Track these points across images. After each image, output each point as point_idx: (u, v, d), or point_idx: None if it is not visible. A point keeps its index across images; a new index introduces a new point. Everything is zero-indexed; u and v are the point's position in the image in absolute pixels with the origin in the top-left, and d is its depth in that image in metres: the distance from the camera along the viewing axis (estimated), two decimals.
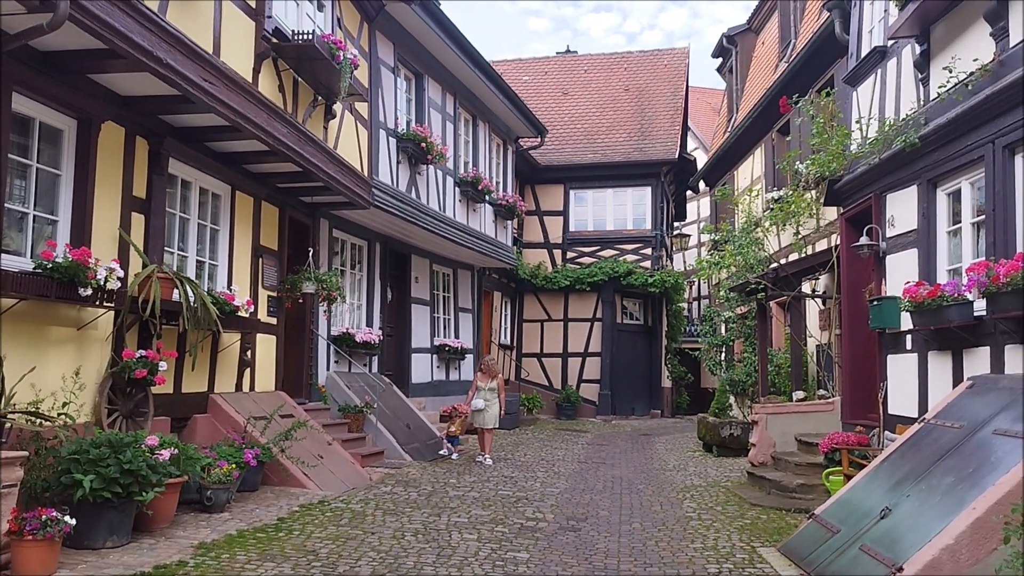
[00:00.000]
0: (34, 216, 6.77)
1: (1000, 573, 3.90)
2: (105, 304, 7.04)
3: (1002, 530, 4.06)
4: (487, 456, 11.97)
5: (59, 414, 6.35)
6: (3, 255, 6.22)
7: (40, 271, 6.35)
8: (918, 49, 8.14)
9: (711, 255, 16.85)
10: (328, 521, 7.38)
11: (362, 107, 11.70)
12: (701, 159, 27.13)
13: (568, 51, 28.56)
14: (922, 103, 8.13)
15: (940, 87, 7.40)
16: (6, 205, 6.33)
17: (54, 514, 5.25)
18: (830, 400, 11.01)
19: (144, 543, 6.18)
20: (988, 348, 6.88)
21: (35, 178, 6.77)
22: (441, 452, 12.34)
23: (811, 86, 13.21)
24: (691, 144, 30.14)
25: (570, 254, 22.65)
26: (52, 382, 6.61)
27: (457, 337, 17.66)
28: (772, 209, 13.26)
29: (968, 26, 7.32)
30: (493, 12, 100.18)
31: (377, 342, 13.50)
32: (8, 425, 5.80)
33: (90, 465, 5.83)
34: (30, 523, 5.14)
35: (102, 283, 6.71)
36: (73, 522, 5.38)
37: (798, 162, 11.78)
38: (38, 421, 6.14)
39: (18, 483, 5.38)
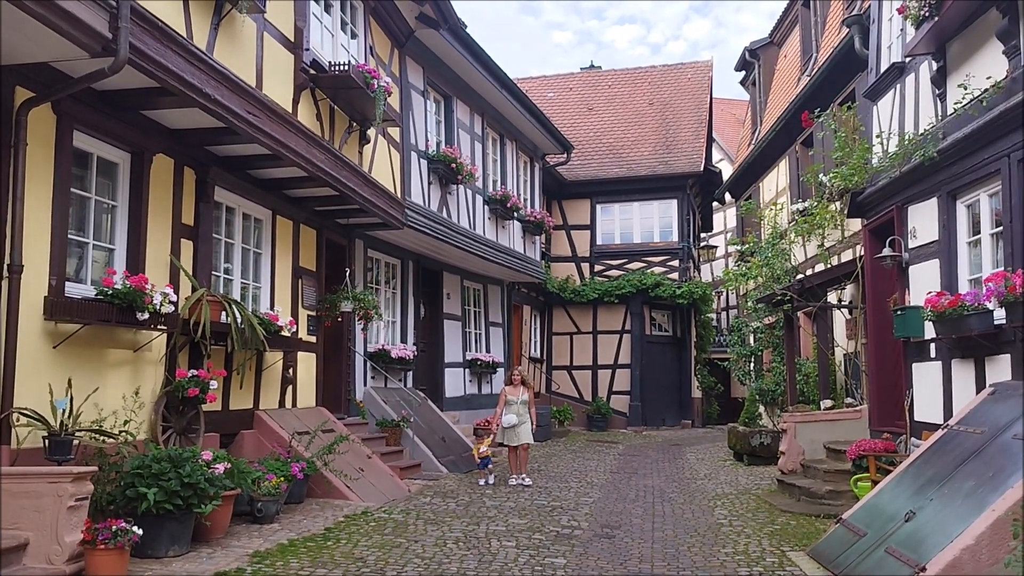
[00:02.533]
0: (92, 245, 7.20)
1: (1008, 568, 4.14)
2: (159, 327, 7.45)
3: (1011, 526, 4.30)
4: (524, 476, 11.10)
5: (120, 431, 6.75)
6: (67, 283, 6.66)
7: (102, 297, 6.76)
8: (935, 66, 8.38)
9: (738, 266, 17.05)
10: (372, 530, 7.71)
11: (394, 131, 12.10)
12: (727, 170, 27.33)
13: (592, 66, 28.92)
14: (940, 118, 8.36)
15: (956, 103, 7.63)
16: (69, 235, 6.77)
17: (123, 524, 5.63)
18: (858, 408, 11.19)
19: (202, 552, 6.56)
20: (1008, 356, 7.09)
21: (93, 209, 7.21)
22: (481, 482, 11.06)
23: (833, 99, 13.43)
24: (716, 155, 30.32)
25: (598, 267, 22.93)
26: (113, 401, 7.02)
27: (488, 351, 18.00)
28: (797, 221, 13.47)
29: (982, 44, 7.56)
30: (517, 26, 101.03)
31: (411, 358, 13.85)
32: (76, 442, 6.21)
33: (153, 479, 6.20)
34: (102, 533, 5.53)
35: (158, 307, 7.09)
36: (140, 532, 5.76)
37: (822, 174, 12.01)
38: (101, 438, 6.55)
39: (89, 496, 5.76)
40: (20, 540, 5.45)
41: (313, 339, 11.05)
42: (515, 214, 17.27)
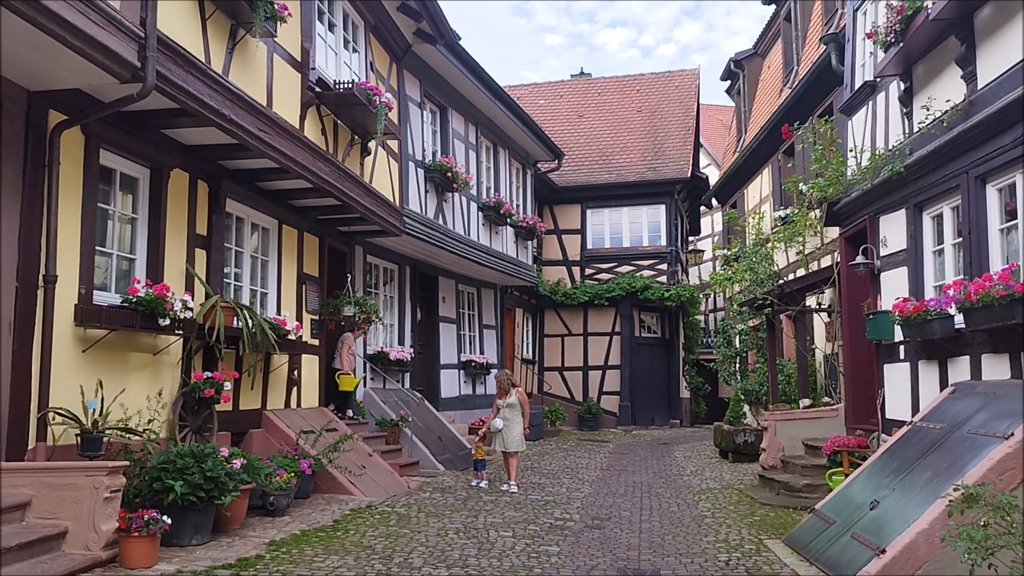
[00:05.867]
0: (116, 256, 7.70)
1: (943, 543, 4.69)
2: (176, 332, 7.94)
3: (947, 507, 4.84)
4: (512, 484, 10.81)
5: (144, 430, 7.26)
6: (94, 292, 7.16)
7: (126, 304, 7.26)
8: (902, 86, 8.95)
9: (724, 270, 17.62)
10: (378, 522, 8.23)
11: (393, 142, 12.61)
12: (713, 175, 27.93)
13: (582, 73, 29.50)
14: (907, 135, 8.93)
15: (920, 123, 8.20)
16: (97, 248, 7.26)
17: (154, 514, 6.13)
18: (835, 407, 11.75)
19: (223, 541, 7.07)
20: (968, 357, 7.65)
21: (115, 222, 7.70)
22: (473, 483, 11.18)
23: (813, 111, 14.02)
24: (703, 160, 30.94)
25: (588, 270, 23.50)
26: (137, 402, 7.51)
27: (482, 353, 18.53)
28: (778, 228, 14.04)
29: (943, 68, 8.14)
30: (510, 30, 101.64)
31: (409, 359, 14.37)
32: (106, 439, 6.72)
33: (178, 473, 6.70)
34: (136, 521, 6.03)
35: (177, 313, 7.59)
36: (170, 521, 6.26)
37: (801, 184, 12.57)
38: (128, 436, 7.05)
39: (121, 488, 6.25)
40: (60, 528, 5.94)
41: (316, 342, 11.55)
42: (508, 220, 17.80)
